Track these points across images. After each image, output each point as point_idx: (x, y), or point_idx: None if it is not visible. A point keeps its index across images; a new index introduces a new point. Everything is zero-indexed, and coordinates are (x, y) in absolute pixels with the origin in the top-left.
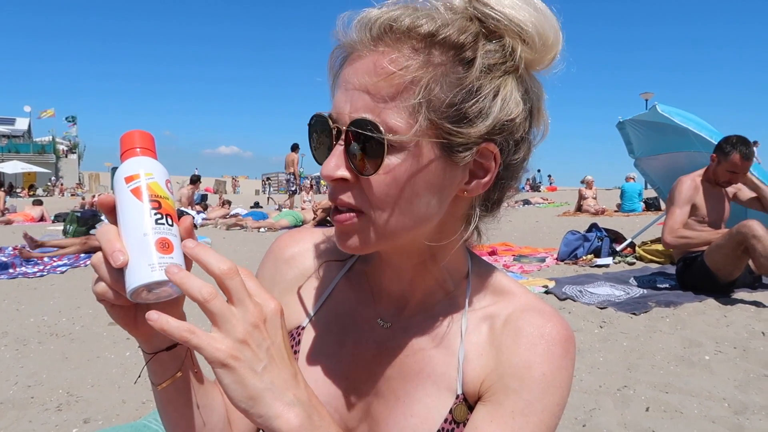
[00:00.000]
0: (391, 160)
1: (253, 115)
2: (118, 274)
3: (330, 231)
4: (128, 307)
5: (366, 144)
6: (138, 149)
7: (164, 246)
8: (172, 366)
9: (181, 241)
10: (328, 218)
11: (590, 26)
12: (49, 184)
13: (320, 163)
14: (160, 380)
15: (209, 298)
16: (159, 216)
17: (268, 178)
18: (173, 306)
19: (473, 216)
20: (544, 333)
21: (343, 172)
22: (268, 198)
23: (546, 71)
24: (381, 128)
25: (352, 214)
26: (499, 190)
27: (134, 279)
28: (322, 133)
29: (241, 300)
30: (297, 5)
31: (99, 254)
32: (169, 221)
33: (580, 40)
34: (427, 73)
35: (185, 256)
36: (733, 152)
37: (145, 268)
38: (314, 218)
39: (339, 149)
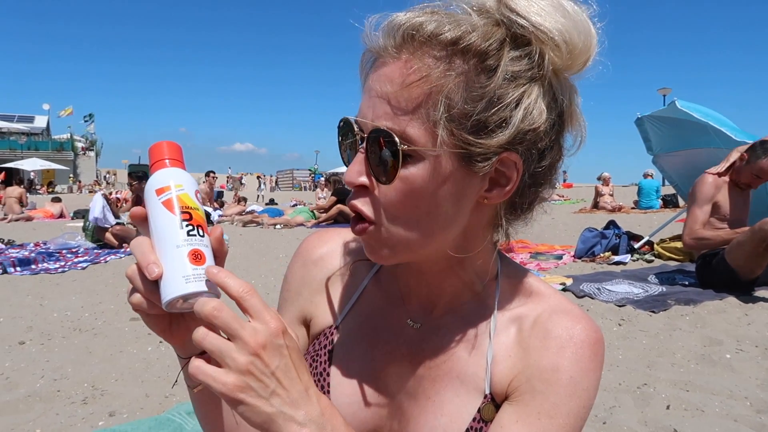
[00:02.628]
0: (408, 170)
1: (268, 112)
2: (152, 285)
3: None
4: (163, 316)
5: (384, 153)
6: (167, 160)
7: (197, 257)
8: None
9: (212, 250)
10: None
11: (607, 15)
12: (71, 178)
13: (347, 167)
14: (195, 383)
15: (205, 335)
16: (191, 228)
17: (259, 176)
18: None
19: (500, 224)
20: (573, 335)
21: (364, 179)
22: (258, 196)
23: (578, 76)
24: (399, 138)
25: (364, 225)
26: (528, 196)
27: (169, 291)
28: (347, 137)
29: (237, 328)
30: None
31: (134, 266)
32: (200, 232)
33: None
34: (448, 83)
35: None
36: (763, 158)
37: (179, 279)
38: (325, 211)
39: (361, 156)
